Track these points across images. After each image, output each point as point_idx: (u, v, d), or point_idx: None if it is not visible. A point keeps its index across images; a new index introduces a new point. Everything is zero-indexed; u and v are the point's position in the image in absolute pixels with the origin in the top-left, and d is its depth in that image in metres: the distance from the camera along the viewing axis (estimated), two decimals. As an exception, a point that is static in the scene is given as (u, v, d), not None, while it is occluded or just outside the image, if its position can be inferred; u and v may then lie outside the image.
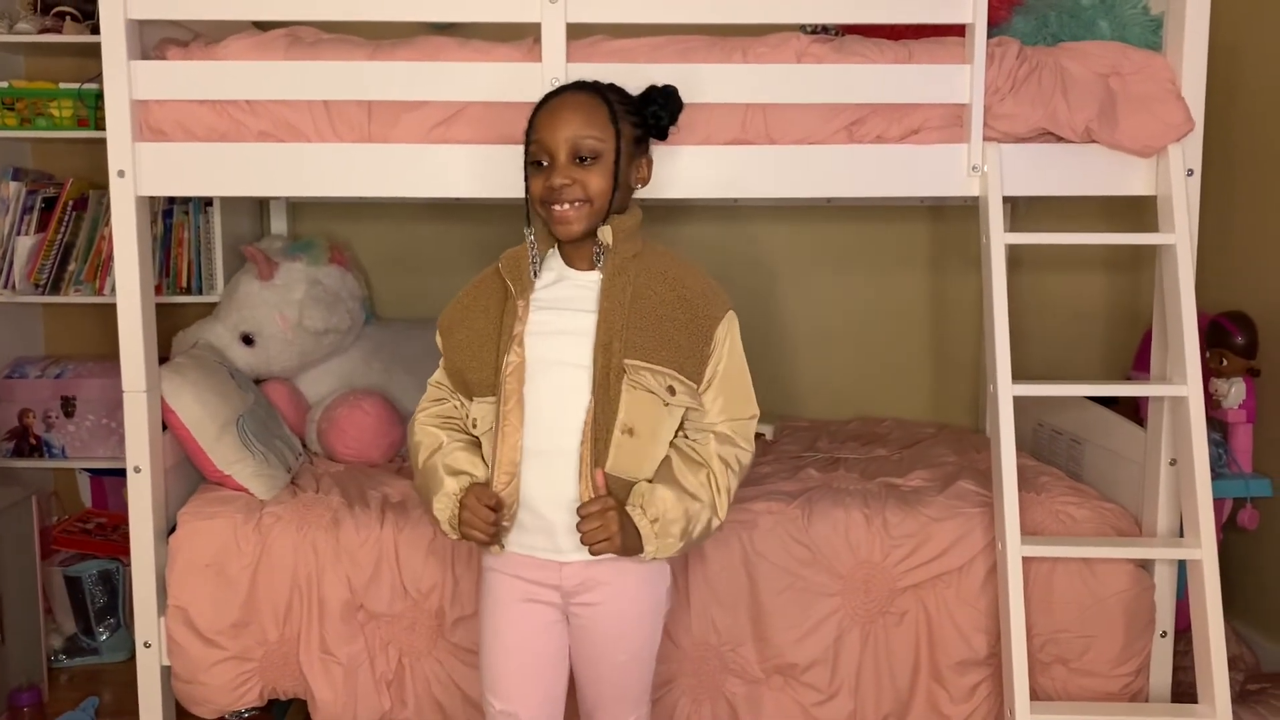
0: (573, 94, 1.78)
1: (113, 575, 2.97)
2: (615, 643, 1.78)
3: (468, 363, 1.79)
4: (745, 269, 3.28)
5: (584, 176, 1.72)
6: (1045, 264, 3.32)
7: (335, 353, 3.00)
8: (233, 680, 2.28)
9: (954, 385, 3.35)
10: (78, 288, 2.95)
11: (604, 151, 1.73)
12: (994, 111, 2.17)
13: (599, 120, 1.73)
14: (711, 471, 1.73)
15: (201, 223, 2.97)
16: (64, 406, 3.00)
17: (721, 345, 1.75)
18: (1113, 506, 2.37)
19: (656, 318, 1.71)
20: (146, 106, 2.17)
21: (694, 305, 1.73)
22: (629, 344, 1.69)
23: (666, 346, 1.70)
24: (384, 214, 3.30)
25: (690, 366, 1.71)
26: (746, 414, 1.78)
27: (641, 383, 1.69)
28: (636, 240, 1.77)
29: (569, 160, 1.72)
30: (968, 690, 2.29)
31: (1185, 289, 2.16)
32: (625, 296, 1.72)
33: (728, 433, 1.75)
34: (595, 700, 1.84)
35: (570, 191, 1.72)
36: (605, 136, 1.73)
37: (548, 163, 1.74)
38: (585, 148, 1.72)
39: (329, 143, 2.18)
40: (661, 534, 1.68)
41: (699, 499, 1.71)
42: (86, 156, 3.05)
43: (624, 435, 1.69)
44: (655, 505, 1.68)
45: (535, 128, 1.76)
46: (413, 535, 2.28)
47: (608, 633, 1.78)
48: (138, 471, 2.24)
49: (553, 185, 1.72)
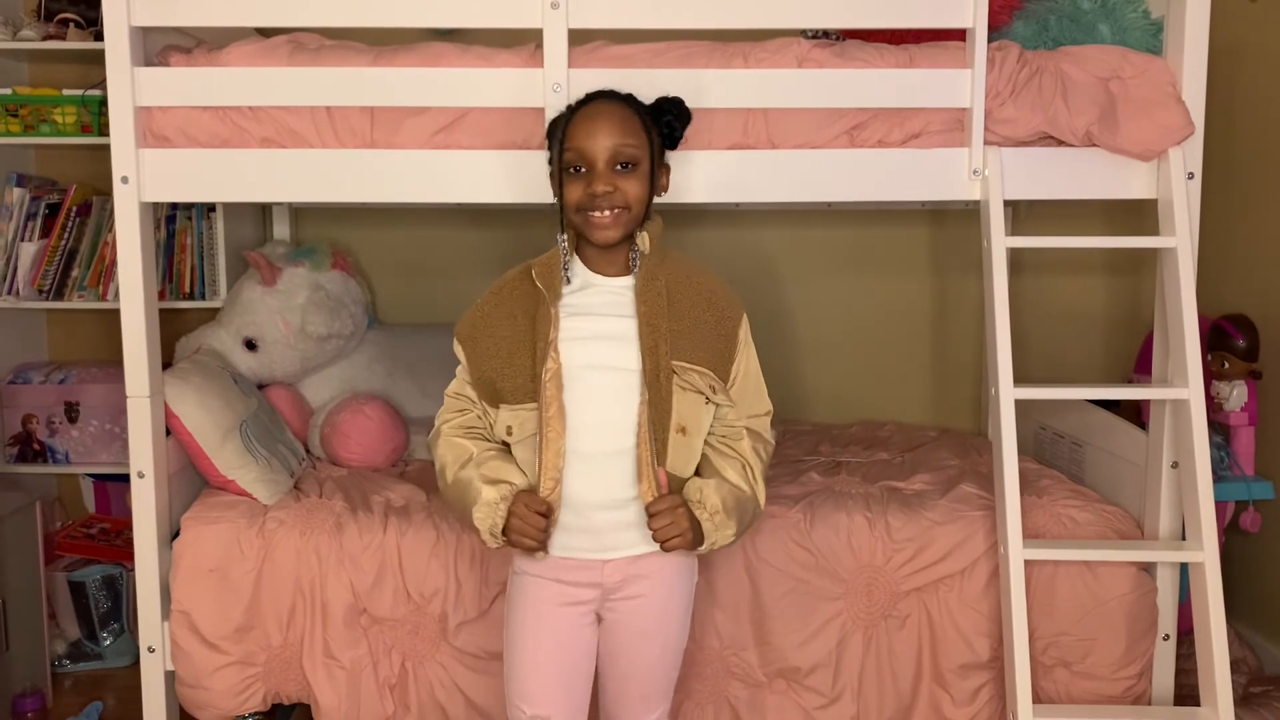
0: (606, 102, 1.80)
1: (116, 580, 2.97)
2: (650, 637, 1.82)
3: (500, 371, 1.79)
4: (747, 273, 3.28)
5: (623, 184, 1.75)
6: (1047, 267, 3.32)
7: (338, 358, 3.00)
8: (236, 685, 2.28)
9: (956, 388, 3.35)
10: (81, 294, 2.96)
11: (641, 159, 1.77)
12: (995, 116, 2.18)
13: (635, 128, 1.78)
14: (747, 464, 1.81)
15: (204, 228, 2.98)
16: (68, 412, 3.01)
17: (743, 345, 1.83)
18: (1114, 509, 2.38)
19: (691, 321, 1.77)
20: (150, 113, 2.18)
21: (719, 307, 1.80)
22: (675, 347, 1.75)
23: (702, 348, 1.76)
24: (387, 219, 3.30)
25: (721, 366, 1.78)
26: (763, 409, 1.87)
27: (691, 383, 1.75)
28: (660, 246, 1.83)
29: (608, 167, 1.75)
30: (970, 693, 2.29)
31: (1186, 292, 2.16)
32: (662, 300, 1.76)
33: (755, 428, 1.84)
34: (617, 697, 1.86)
35: (611, 198, 1.74)
36: (640, 144, 1.77)
37: (586, 170, 1.76)
38: (625, 155, 1.75)
39: (331, 149, 2.19)
40: (721, 525, 1.74)
41: (743, 490, 1.79)
42: (90, 163, 3.06)
43: (678, 435, 1.74)
44: (711, 499, 1.74)
45: (571, 135, 1.77)
46: (415, 540, 2.29)
47: (644, 627, 1.81)
48: (141, 477, 2.25)
49: (595, 192, 1.74)
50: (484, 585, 2.27)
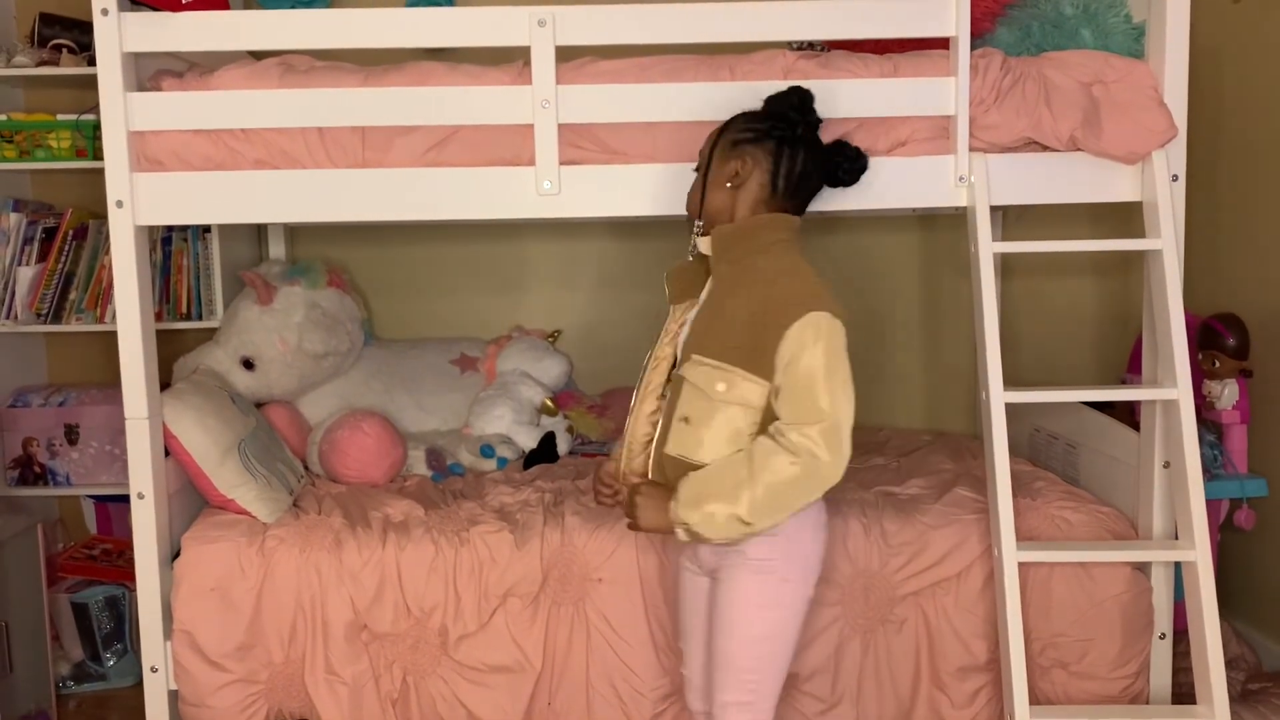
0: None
1: (119, 601, 2.99)
2: (719, 618, 1.86)
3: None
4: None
5: (692, 187, 1.97)
6: (1037, 270, 3.35)
7: (335, 375, 3.02)
8: (239, 703, 2.30)
9: (950, 392, 3.37)
10: (79, 316, 2.98)
11: (701, 165, 1.94)
12: (979, 122, 2.20)
13: (709, 134, 1.97)
14: (755, 482, 1.72)
15: (200, 249, 3.00)
16: (68, 434, 3.02)
17: (797, 345, 1.72)
18: (1108, 510, 2.39)
19: (729, 319, 1.80)
20: (143, 137, 2.20)
21: (774, 305, 1.76)
22: (703, 342, 1.82)
23: (730, 346, 1.78)
24: (381, 236, 3.33)
25: (758, 364, 1.76)
26: (824, 420, 1.71)
27: (691, 378, 1.81)
28: (749, 243, 1.85)
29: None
30: (969, 696, 2.31)
31: (1173, 293, 2.18)
32: (719, 298, 1.85)
33: (795, 438, 1.72)
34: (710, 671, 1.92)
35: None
36: (705, 148, 1.95)
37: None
38: (697, 160, 1.96)
39: (324, 169, 2.21)
40: (684, 517, 1.76)
41: (729, 502, 1.74)
42: (85, 187, 3.08)
43: (680, 422, 1.82)
44: (682, 495, 1.78)
45: None
46: (415, 555, 2.30)
47: (718, 608, 1.86)
48: (141, 498, 2.27)
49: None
50: (483, 599, 2.29)
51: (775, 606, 1.85)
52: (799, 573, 1.86)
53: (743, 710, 1.85)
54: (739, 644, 1.84)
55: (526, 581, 2.29)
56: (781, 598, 1.85)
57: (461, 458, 2.91)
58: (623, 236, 3.35)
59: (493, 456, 2.90)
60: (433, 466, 2.87)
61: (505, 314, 3.36)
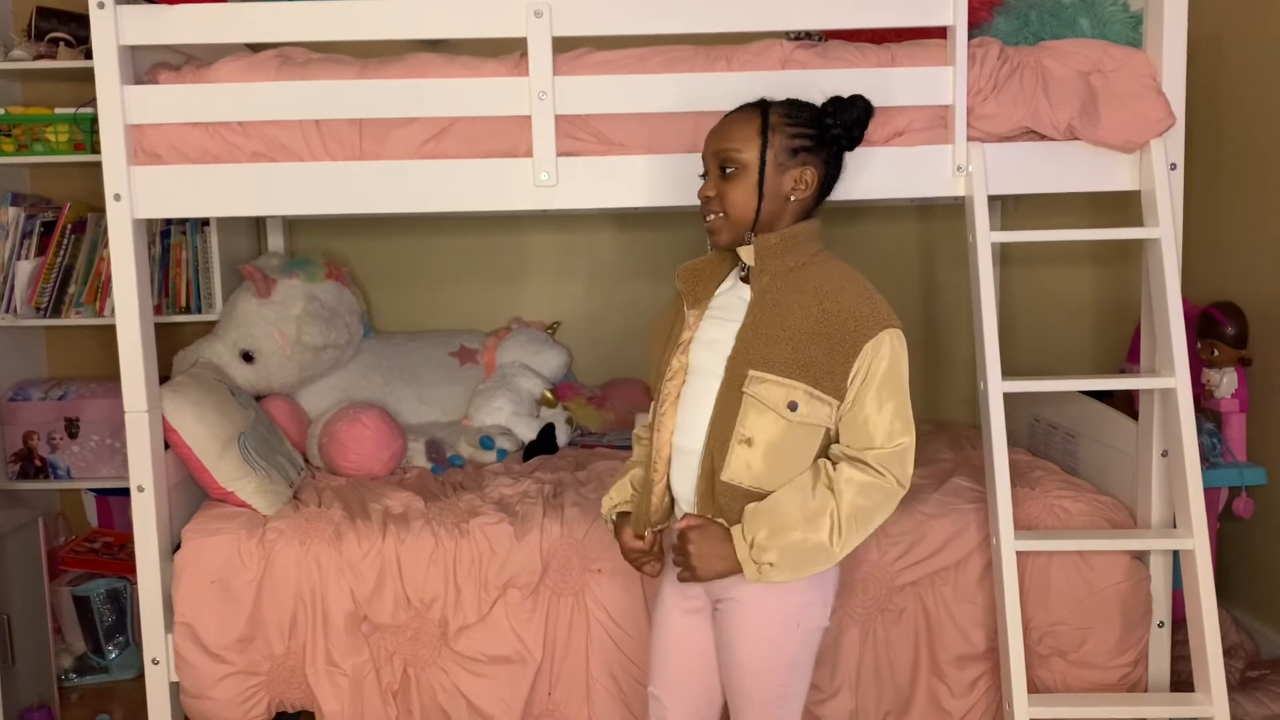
0: (736, 109, 1.81)
1: (121, 594, 3.00)
2: (733, 646, 1.75)
3: (653, 367, 1.88)
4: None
5: (725, 189, 1.74)
6: (1036, 259, 3.34)
7: (335, 367, 3.03)
8: (240, 694, 2.30)
9: (950, 382, 3.37)
10: (78, 310, 2.98)
11: (746, 164, 1.73)
12: (977, 112, 2.20)
13: (747, 133, 1.74)
14: (838, 507, 1.65)
15: (199, 242, 3.00)
16: (68, 428, 3.03)
17: (869, 364, 1.66)
18: (1107, 499, 2.39)
19: (794, 330, 1.68)
20: (141, 130, 2.20)
21: (840, 320, 1.67)
22: (758, 356, 1.68)
23: (798, 360, 1.67)
24: (380, 229, 3.33)
25: (829, 383, 1.66)
26: (895, 440, 1.66)
27: (759, 395, 1.67)
28: (797, 253, 1.74)
29: (717, 172, 1.76)
30: (968, 685, 2.31)
31: (1171, 282, 2.18)
32: (765, 310, 1.71)
33: (869, 461, 1.66)
34: (728, 699, 1.83)
35: (711, 204, 1.76)
36: (748, 149, 1.73)
37: (704, 175, 1.80)
38: (726, 159, 1.74)
39: (321, 161, 2.21)
40: (759, 558, 1.64)
41: (809, 529, 1.64)
42: (83, 180, 3.09)
43: (741, 444, 1.67)
44: (755, 529, 1.65)
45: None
46: (414, 546, 2.31)
47: (729, 634, 1.75)
48: (141, 491, 2.27)
49: (700, 197, 1.79)
50: (483, 590, 2.29)
51: (800, 628, 1.76)
52: (822, 595, 1.77)
53: None
54: (758, 673, 1.75)
55: (526, 573, 2.30)
56: (807, 619, 1.76)
57: (461, 449, 2.92)
58: (621, 228, 3.35)
59: (492, 448, 2.90)
60: (432, 458, 2.87)
61: (504, 306, 3.36)
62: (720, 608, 1.77)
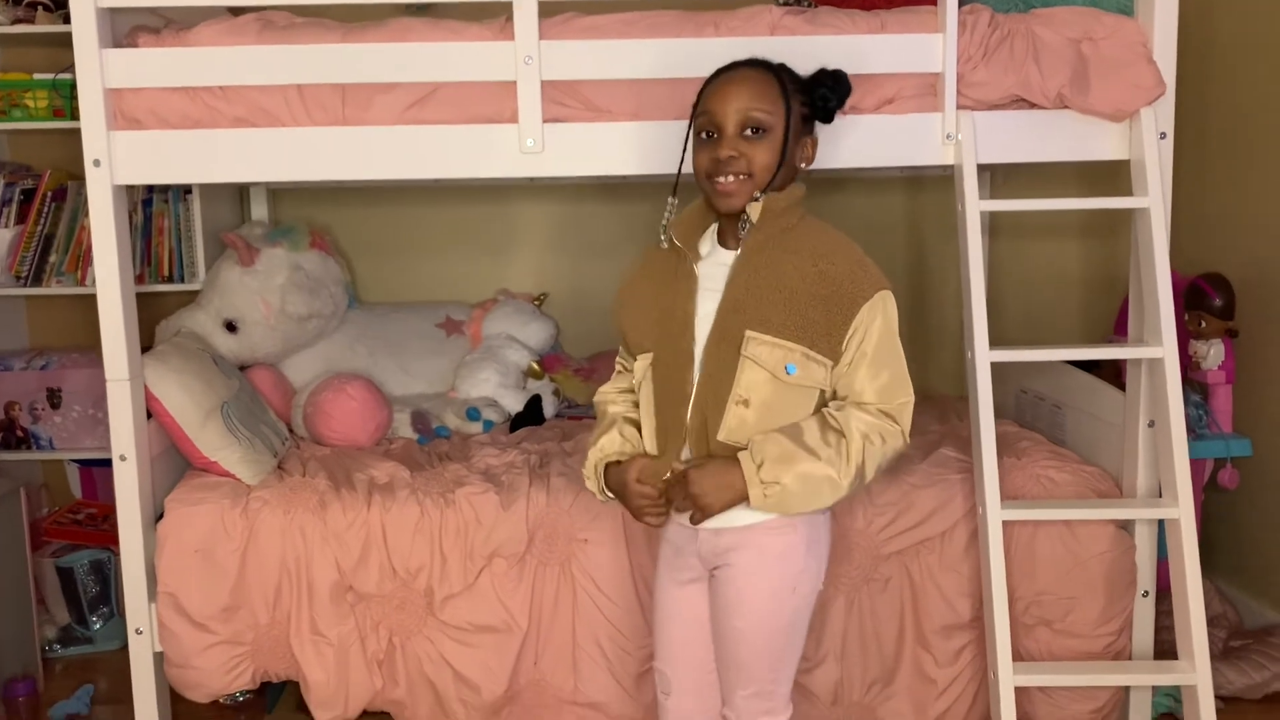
0: (746, 69, 1.76)
1: (104, 565, 2.98)
2: (733, 610, 1.75)
3: (634, 323, 1.81)
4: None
5: (750, 150, 1.70)
6: (1024, 231, 3.34)
7: (319, 338, 3.01)
8: (225, 664, 2.30)
9: (937, 353, 3.36)
10: (60, 279, 2.95)
11: (773, 126, 1.71)
12: (967, 80, 2.18)
13: (770, 95, 1.72)
14: (847, 441, 1.66)
15: (182, 211, 2.97)
16: (50, 398, 3.00)
17: (866, 327, 1.68)
18: (1093, 469, 2.40)
19: (790, 291, 1.67)
20: (120, 95, 2.17)
21: (837, 282, 1.68)
22: (754, 316, 1.68)
23: (796, 321, 1.67)
24: (364, 199, 3.30)
25: (825, 345, 1.67)
26: (896, 399, 1.69)
27: (756, 356, 1.67)
28: (790, 215, 1.74)
29: (737, 133, 1.71)
30: (953, 654, 2.32)
31: (1160, 251, 2.17)
32: (758, 269, 1.70)
33: (873, 409, 1.68)
34: (719, 668, 1.83)
35: (735, 164, 1.70)
36: (775, 111, 1.71)
37: (716, 135, 1.73)
38: (754, 120, 1.70)
39: (304, 127, 2.18)
40: (767, 478, 1.64)
41: (818, 457, 1.65)
42: (64, 147, 3.04)
43: (738, 405, 1.67)
44: (764, 450, 1.65)
45: (705, 99, 1.75)
46: (400, 516, 2.30)
47: (729, 598, 1.75)
48: (123, 460, 2.25)
49: (719, 157, 1.71)
50: (469, 559, 2.29)
51: (796, 593, 1.76)
52: (817, 560, 1.78)
53: (764, 699, 1.79)
54: (758, 635, 1.75)
55: (512, 542, 2.29)
56: (802, 584, 1.76)
57: (447, 421, 2.90)
58: (609, 199, 3.32)
59: (479, 420, 2.89)
60: (418, 429, 2.86)
61: (491, 277, 3.34)
62: (717, 574, 1.76)
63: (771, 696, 1.79)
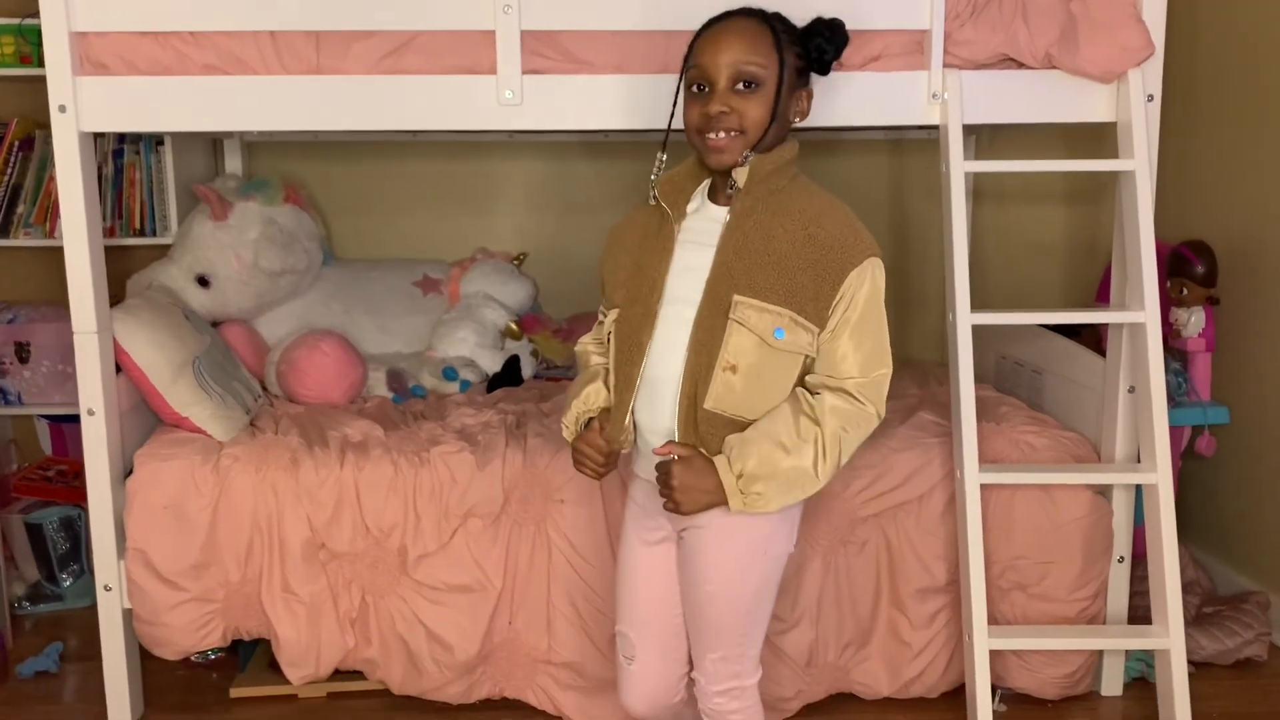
0: (738, 19, 1.69)
1: (75, 522, 2.94)
2: (701, 573, 1.72)
3: (611, 274, 1.77)
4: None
5: (742, 105, 1.64)
6: (1007, 197, 3.32)
7: (293, 294, 2.96)
8: (195, 621, 2.27)
9: (917, 319, 3.35)
10: (27, 230, 2.90)
11: (766, 79, 1.64)
12: (954, 38, 2.15)
13: (763, 47, 1.64)
14: (821, 434, 1.62)
15: (153, 162, 2.91)
16: (18, 352, 2.95)
17: (853, 293, 1.63)
18: (1072, 435, 2.39)
19: (779, 256, 1.63)
20: (86, 39, 2.11)
21: (826, 247, 1.63)
22: (743, 281, 1.63)
23: (785, 286, 1.62)
24: (341, 154, 3.24)
25: (812, 310, 1.62)
26: (875, 370, 1.65)
27: (745, 321, 1.62)
28: (780, 176, 1.68)
29: (728, 87, 1.63)
30: (928, 617, 2.32)
31: (1144, 215, 2.16)
32: (748, 233, 1.65)
33: (850, 390, 1.63)
34: (689, 631, 1.81)
35: (727, 120, 1.63)
36: (768, 64, 1.64)
37: (707, 89, 1.66)
38: (747, 74, 1.63)
39: (276, 75, 2.13)
40: (747, 489, 1.61)
41: (796, 457, 1.61)
42: (31, 95, 2.96)
43: (726, 372, 1.63)
44: (744, 459, 1.61)
45: (696, 52, 1.68)
46: (373, 475, 2.27)
47: (697, 562, 1.72)
48: (91, 414, 2.21)
49: (709, 113, 1.63)
50: (444, 518, 2.26)
51: (766, 556, 1.73)
52: (788, 523, 1.75)
53: (733, 662, 1.76)
54: (726, 601, 1.73)
55: (487, 502, 2.27)
56: (773, 547, 1.74)
57: (424, 380, 2.87)
58: (592, 157, 3.28)
59: (455, 379, 2.86)
60: (394, 388, 2.82)
61: (470, 235, 3.29)
62: (685, 536, 1.74)
63: (741, 659, 1.77)
